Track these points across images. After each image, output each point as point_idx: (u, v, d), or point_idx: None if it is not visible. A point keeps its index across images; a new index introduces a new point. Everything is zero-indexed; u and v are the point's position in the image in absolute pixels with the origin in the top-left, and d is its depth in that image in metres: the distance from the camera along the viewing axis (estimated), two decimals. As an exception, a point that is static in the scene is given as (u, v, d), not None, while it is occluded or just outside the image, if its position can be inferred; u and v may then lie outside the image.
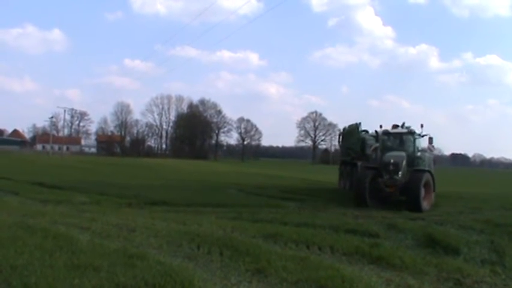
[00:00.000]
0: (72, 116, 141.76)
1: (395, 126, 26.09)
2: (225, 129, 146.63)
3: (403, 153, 23.43)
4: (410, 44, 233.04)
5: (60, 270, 7.71)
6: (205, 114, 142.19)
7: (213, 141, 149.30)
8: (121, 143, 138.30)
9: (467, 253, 11.42)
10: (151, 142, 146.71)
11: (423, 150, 25.19)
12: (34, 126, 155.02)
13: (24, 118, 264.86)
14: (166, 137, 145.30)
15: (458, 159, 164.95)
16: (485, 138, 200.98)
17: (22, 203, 18.95)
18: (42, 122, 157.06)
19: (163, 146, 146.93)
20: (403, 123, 25.98)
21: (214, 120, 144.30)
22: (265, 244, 11.19)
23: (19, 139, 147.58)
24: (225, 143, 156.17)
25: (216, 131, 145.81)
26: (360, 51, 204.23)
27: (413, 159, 23.74)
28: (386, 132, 25.57)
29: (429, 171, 23.17)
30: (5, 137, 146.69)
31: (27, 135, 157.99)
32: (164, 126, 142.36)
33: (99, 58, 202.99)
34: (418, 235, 13.27)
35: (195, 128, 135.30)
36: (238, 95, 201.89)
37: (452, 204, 23.12)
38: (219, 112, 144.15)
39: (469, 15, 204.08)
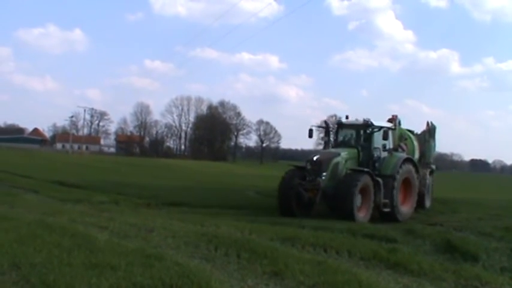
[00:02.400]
0: (92, 116, 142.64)
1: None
2: (244, 131, 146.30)
3: (344, 150, 19.58)
4: (431, 48, 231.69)
5: (78, 269, 7.75)
6: (224, 116, 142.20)
7: (232, 143, 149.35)
8: (140, 144, 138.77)
9: (486, 260, 11.28)
10: (170, 143, 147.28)
11: (392, 149, 20.86)
12: (54, 125, 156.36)
13: (44, 117, 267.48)
14: (185, 138, 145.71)
15: (478, 165, 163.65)
16: (506, 144, 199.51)
17: (41, 201, 19.11)
18: (62, 121, 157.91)
19: (182, 147, 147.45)
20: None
21: (234, 122, 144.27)
22: (282, 247, 11.16)
23: (39, 138, 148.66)
24: (243, 145, 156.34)
25: (235, 133, 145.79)
26: (380, 55, 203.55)
27: (368, 160, 19.91)
28: (339, 124, 21.64)
29: (391, 176, 19.43)
30: (25, 135, 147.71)
31: (47, 134, 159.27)
32: (183, 128, 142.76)
33: (120, 58, 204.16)
34: (436, 241, 13.12)
35: (214, 129, 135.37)
36: (258, 97, 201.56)
37: (471, 211, 22.86)
38: (238, 114, 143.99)
39: (491, 20, 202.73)
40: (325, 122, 22.51)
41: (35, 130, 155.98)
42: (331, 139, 21.98)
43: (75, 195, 21.42)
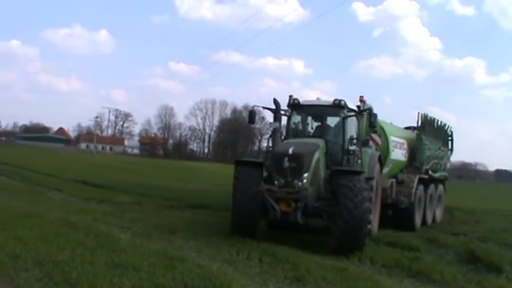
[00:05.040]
0: (116, 117, 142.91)
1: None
2: (268, 135, 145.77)
3: (320, 141, 13.62)
4: (457, 56, 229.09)
5: (100, 268, 7.81)
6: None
7: (255, 148, 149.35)
8: (164, 146, 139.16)
9: (511, 272, 11.13)
10: (193, 146, 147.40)
11: (364, 143, 15.16)
12: (79, 125, 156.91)
13: (69, 117, 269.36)
14: (209, 141, 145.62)
15: (503, 175, 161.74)
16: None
17: (65, 200, 19.26)
18: (87, 122, 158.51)
19: (206, 150, 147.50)
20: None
21: (257, 126, 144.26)
22: (304, 253, 11.17)
23: (64, 137, 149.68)
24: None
25: (259, 137, 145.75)
26: (405, 62, 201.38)
27: (340, 157, 14.10)
28: (295, 105, 15.11)
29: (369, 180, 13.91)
30: (50, 134, 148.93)
31: (72, 134, 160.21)
32: (207, 131, 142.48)
33: (145, 60, 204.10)
34: (459, 251, 13.01)
35: (237, 133, 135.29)
36: (282, 102, 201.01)
37: (495, 221, 22.50)
38: (263, 118, 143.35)
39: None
40: (275, 101, 14.75)
41: (60, 130, 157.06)
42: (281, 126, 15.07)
43: (98, 195, 21.54)
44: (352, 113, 14.86)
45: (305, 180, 12.41)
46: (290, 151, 12.32)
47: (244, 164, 13.82)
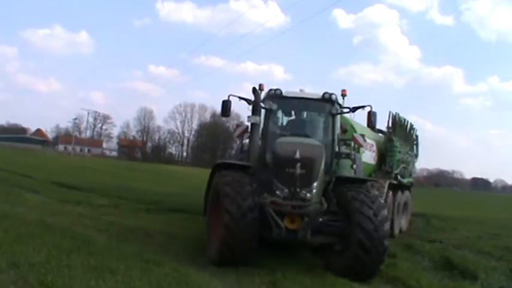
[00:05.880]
0: (95, 119, 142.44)
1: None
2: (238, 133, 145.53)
3: (318, 142, 11.55)
4: (436, 65, 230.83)
5: (76, 270, 7.74)
6: (227, 125, 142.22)
7: (234, 152, 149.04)
8: (142, 149, 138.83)
9: (485, 279, 11.24)
10: (172, 149, 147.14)
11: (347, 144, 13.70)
12: (57, 126, 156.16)
13: (48, 118, 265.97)
14: (188, 145, 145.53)
15: (479, 183, 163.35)
16: (508, 163, 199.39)
17: (42, 202, 19.07)
18: (65, 123, 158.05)
19: (184, 153, 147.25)
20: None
21: (233, 122, 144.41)
22: (281, 257, 11.18)
23: (42, 138, 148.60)
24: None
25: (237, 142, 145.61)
26: (384, 70, 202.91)
27: (330, 160, 11.94)
28: (277, 96, 12.55)
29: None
30: (28, 135, 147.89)
31: (50, 135, 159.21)
32: (186, 134, 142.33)
33: (124, 63, 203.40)
34: (435, 258, 13.11)
35: (216, 137, 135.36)
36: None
37: (471, 229, 22.69)
38: (242, 123, 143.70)
39: (496, 39, 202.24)
40: (255, 90, 12.28)
41: (38, 131, 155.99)
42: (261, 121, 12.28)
43: (75, 197, 21.39)
44: (346, 110, 12.78)
45: (314, 190, 10.48)
46: (298, 155, 10.19)
47: (231, 167, 11.16)
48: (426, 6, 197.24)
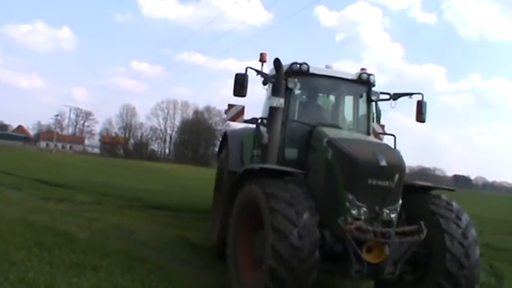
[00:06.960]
0: (77, 115, 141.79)
1: None
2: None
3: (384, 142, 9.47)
4: (418, 62, 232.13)
5: (58, 268, 7.73)
6: (210, 122, 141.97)
7: (216, 149, 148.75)
8: (124, 145, 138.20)
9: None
10: (154, 146, 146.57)
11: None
12: (39, 123, 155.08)
13: (29, 114, 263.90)
14: (170, 141, 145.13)
15: (461, 180, 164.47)
16: (489, 161, 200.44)
17: (23, 199, 18.92)
18: (47, 120, 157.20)
19: (167, 150, 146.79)
20: None
21: (219, 128, 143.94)
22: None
23: (23, 135, 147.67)
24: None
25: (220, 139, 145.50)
26: (367, 67, 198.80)
27: None
28: (303, 72, 9.37)
29: None
30: (9, 132, 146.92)
31: (32, 132, 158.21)
32: (168, 131, 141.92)
33: (107, 59, 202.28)
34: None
35: (199, 134, 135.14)
36: (244, 103, 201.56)
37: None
38: (224, 120, 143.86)
39: (478, 38, 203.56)
40: (277, 63, 9.19)
41: (19, 127, 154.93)
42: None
43: (57, 194, 21.18)
44: (387, 96, 10.28)
45: (398, 209, 7.68)
46: (384, 161, 7.39)
47: (275, 174, 7.67)
48: (408, 4, 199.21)
